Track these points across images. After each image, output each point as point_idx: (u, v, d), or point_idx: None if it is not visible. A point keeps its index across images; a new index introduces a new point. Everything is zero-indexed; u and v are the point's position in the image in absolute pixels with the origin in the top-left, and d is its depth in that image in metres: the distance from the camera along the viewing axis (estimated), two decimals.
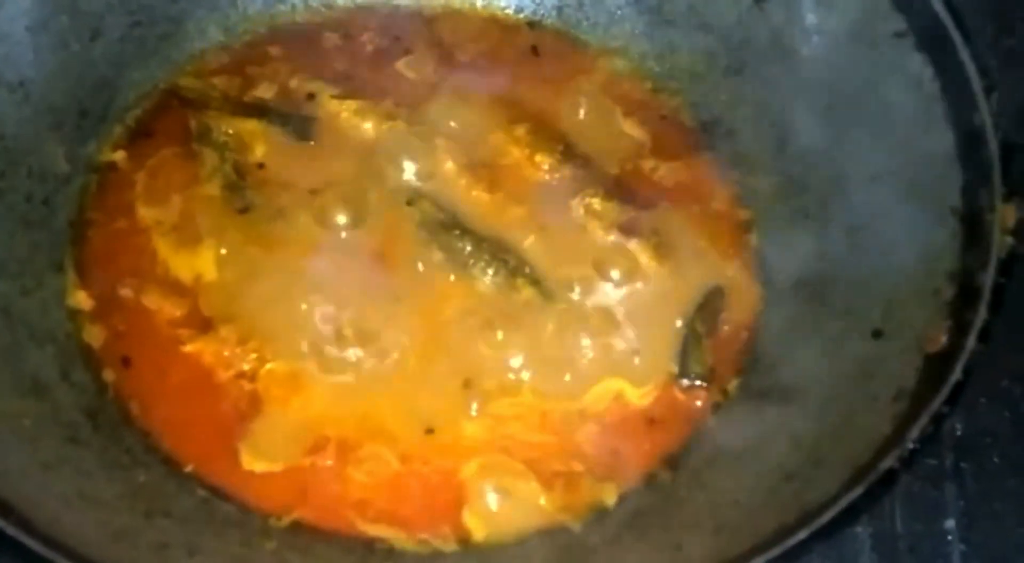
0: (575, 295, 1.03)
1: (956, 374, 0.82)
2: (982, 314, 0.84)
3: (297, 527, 0.91)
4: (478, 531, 0.92)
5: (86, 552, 0.75)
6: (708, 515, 0.88)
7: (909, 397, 0.84)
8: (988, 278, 0.86)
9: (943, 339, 0.86)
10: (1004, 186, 0.89)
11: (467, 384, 0.98)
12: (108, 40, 1.09)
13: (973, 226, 0.90)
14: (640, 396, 1.00)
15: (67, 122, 1.06)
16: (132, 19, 1.11)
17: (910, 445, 0.79)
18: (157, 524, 0.86)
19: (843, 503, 0.77)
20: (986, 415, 1.06)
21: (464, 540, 0.91)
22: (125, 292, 1.00)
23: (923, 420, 0.80)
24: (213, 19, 1.16)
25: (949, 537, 1.01)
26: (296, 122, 1.10)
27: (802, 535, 0.76)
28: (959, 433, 1.05)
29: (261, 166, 1.07)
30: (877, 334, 0.92)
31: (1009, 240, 0.87)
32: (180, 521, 0.87)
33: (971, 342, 0.83)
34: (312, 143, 1.09)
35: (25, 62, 1.02)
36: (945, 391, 0.81)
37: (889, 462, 0.78)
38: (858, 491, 0.77)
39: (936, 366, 0.84)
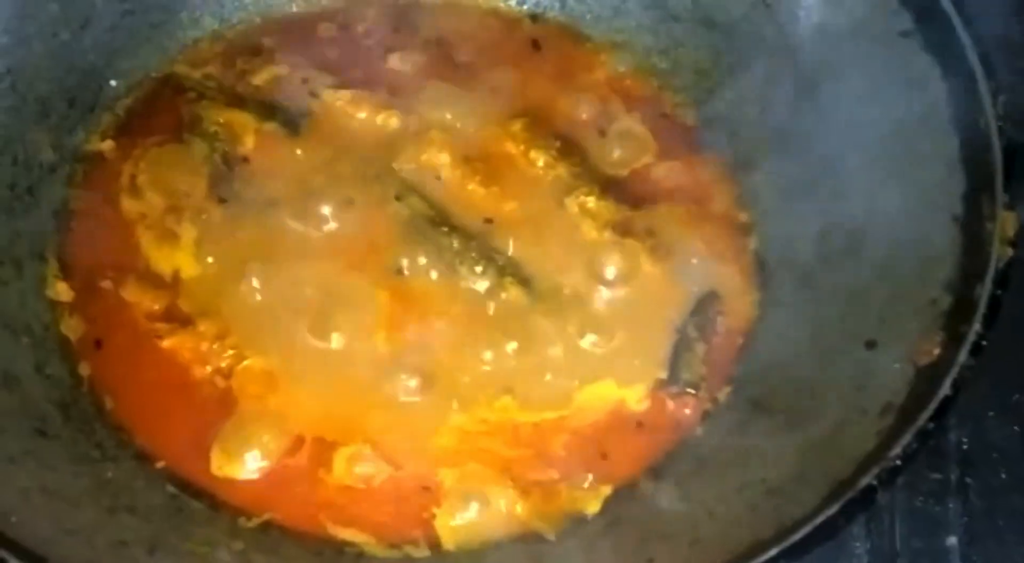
0: (564, 296, 1.01)
1: (945, 389, 0.79)
2: (976, 327, 0.81)
3: (267, 528, 0.90)
4: (450, 538, 0.90)
5: (38, 549, 0.74)
6: (686, 527, 0.85)
7: (896, 412, 0.81)
8: (985, 290, 0.82)
9: (936, 351, 0.83)
10: (1006, 193, 0.86)
11: (447, 387, 0.96)
12: (99, 28, 1.08)
13: (973, 234, 0.87)
14: (627, 402, 0.97)
15: (55, 111, 1.05)
16: (124, 7, 1.10)
17: (892, 462, 0.76)
18: (119, 521, 0.84)
19: (817, 521, 0.74)
20: (994, 429, 1.04)
21: (436, 546, 0.90)
22: (106, 284, 1.00)
23: (907, 437, 0.77)
24: (208, 8, 1.15)
25: (950, 556, 0.98)
26: (287, 116, 1.09)
27: (773, 552, 0.73)
28: (965, 446, 1.03)
29: (247, 159, 1.06)
30: (871, 344, 0.89)
31: (1009, 250, 0.84)
32: (144, 518, 0.86)
33: (963, 356, 0.80)
34: (301, 138, 1.08)
35: (12, 50, 1.02)
36: (932, 407, 0.78)
37: (868, 479, 0.75)
38: (833, 508, 0.74)
39: (927, 380, 0.81)
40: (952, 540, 0.99)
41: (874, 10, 0.99)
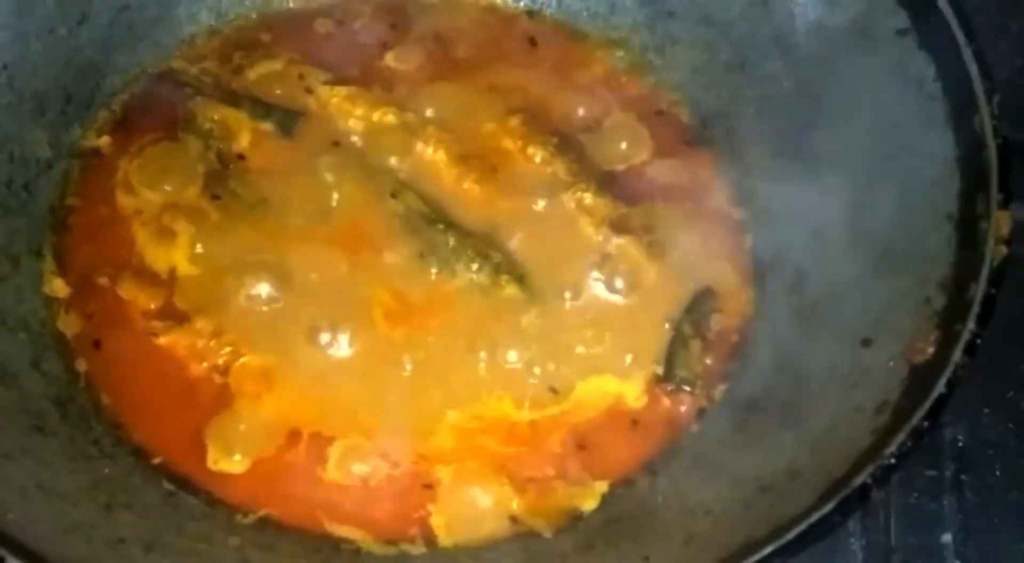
0: (561, 293, 1.01)
1: (940, 388, 0.78)
2: (971, 326, 0.80)
3: (263, 524, 0.90)
4: (446, 535, 0.90)
5: (35, 546, 0.74)
6: (680, 525, 0.86)
7: (892, 409, 0.81)
8: (980, 289, 0.82)
9: (930, 350, 0.83)
10: (1001, 192, 0.85)
11: (443, 384, 0.96)
12: (96, 24, 1.07)
13: (968, 233, 0.86)
14: (623, 399, 0.97)
15: (51, 107, 1.05)
16: (121, 3, 1.09)
17: (887, 461, 0.76)
18: (116, 518, 0.84)
19: (812, 519, 0.74)
20: (989, 426, 1.04)
21: (432, 543, 0.90)
22: (102, 281, 0.99)
23: (902, 435, 0.77)
24: (204, 4, 1.14)
25: (945, 552, 0.99)
26: (282, 113, 1.08)
27: (768, 551, 0.73)
28: (961, 444, 1.04)
29: (242, 157, 1.06)
30: (866, 342, 0.89)
31: (1004, 249, 0.83)
32: (141, 515, 0.86)
33: (958, 355, 0.80)
34: (297, 135, 1.07)
35: (9, 47, 1.01)
36: (927, 405, 0.78)
37: (863, 477, 0.75)
38: (828, 507, 0.74)
39: (921, 378, 0.81)
40: (947, 537, 0.99)
41: (871, 8, 0.98)
